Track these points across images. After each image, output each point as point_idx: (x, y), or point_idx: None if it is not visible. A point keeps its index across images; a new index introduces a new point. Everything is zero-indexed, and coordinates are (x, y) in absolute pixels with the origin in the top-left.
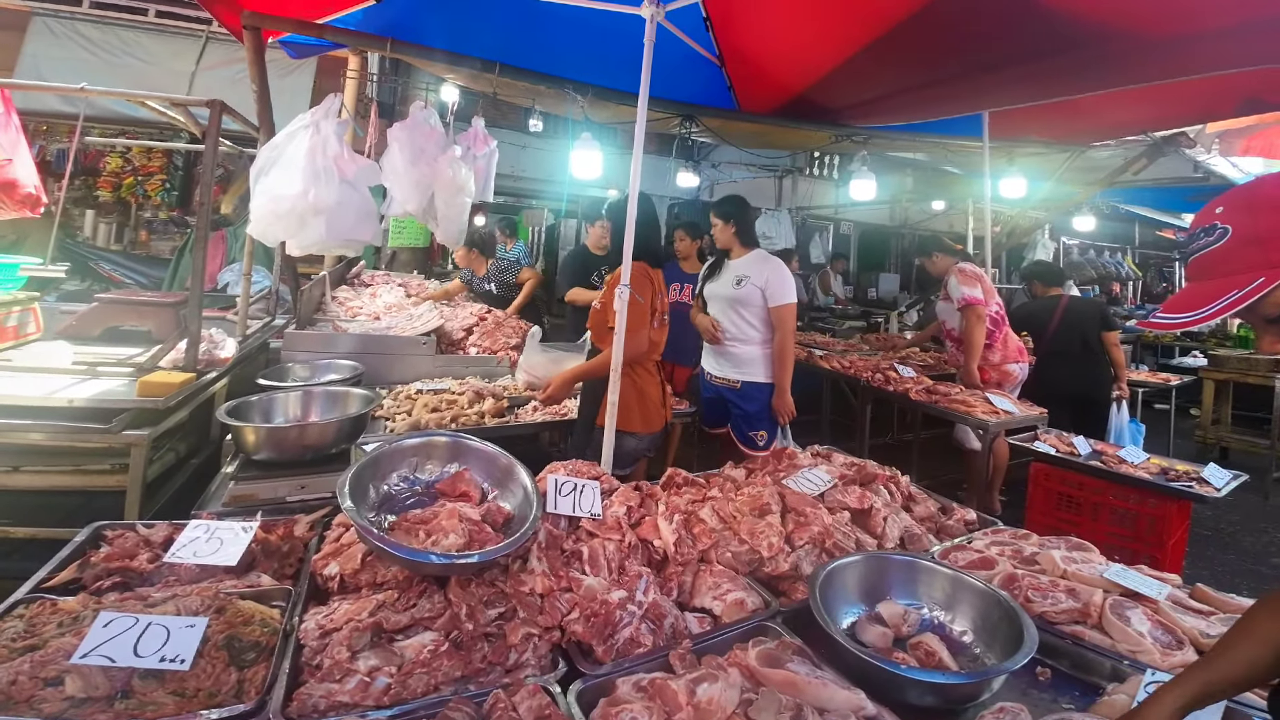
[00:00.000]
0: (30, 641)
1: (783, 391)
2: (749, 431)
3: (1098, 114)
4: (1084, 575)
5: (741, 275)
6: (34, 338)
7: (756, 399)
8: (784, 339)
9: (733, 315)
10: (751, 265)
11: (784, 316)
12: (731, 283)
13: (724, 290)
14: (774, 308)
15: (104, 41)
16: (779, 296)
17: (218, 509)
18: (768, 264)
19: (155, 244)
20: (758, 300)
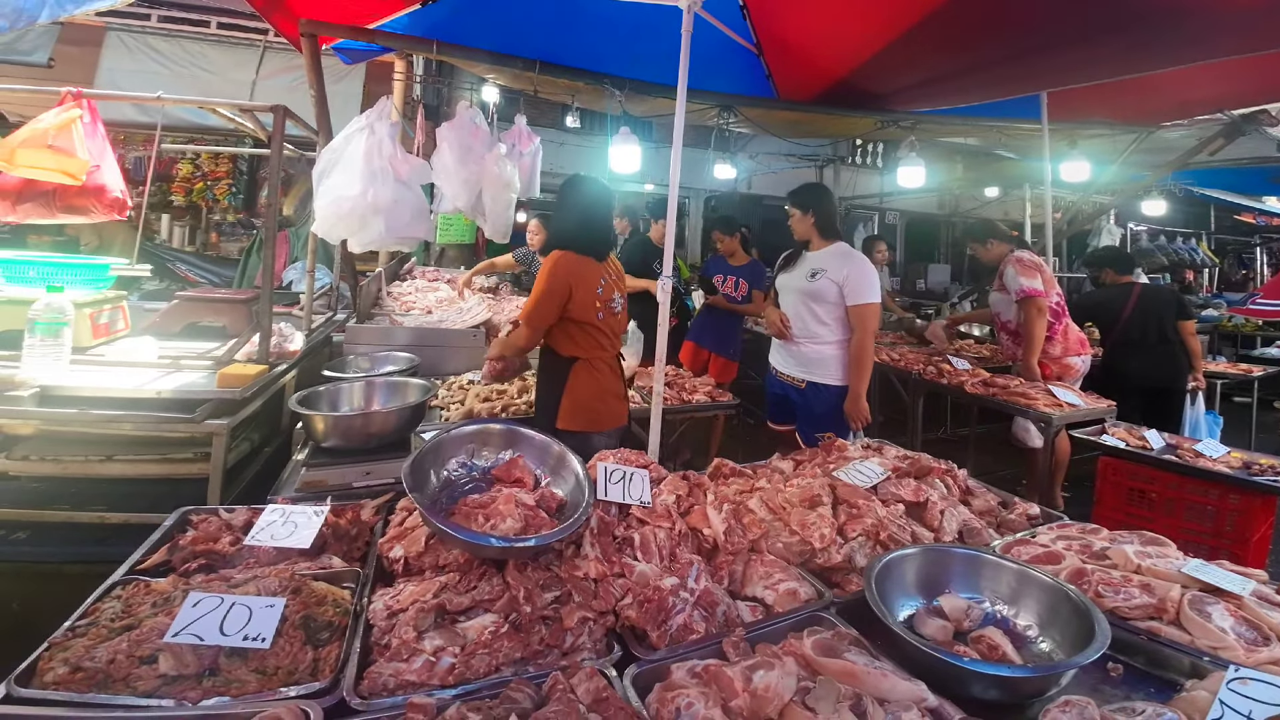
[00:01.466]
0: (127, 621)
1: (857, 397)
2: (815, 434)
3: (1168, 92)
4: (1159, 570)
5: (818, 269)
6: (123, 334)
7: (824, 401)
8: (863, 340)
9: (803, 311)
10: (830, 259)
11: (865, 316)
12: (806, 275)
13: (797, 283)
14: (852, 306)
15: (172, 53)
16: (859, 294)
17: (291, 494)
18: (850, 259)
19: (224, 245)
20: (833, 296)
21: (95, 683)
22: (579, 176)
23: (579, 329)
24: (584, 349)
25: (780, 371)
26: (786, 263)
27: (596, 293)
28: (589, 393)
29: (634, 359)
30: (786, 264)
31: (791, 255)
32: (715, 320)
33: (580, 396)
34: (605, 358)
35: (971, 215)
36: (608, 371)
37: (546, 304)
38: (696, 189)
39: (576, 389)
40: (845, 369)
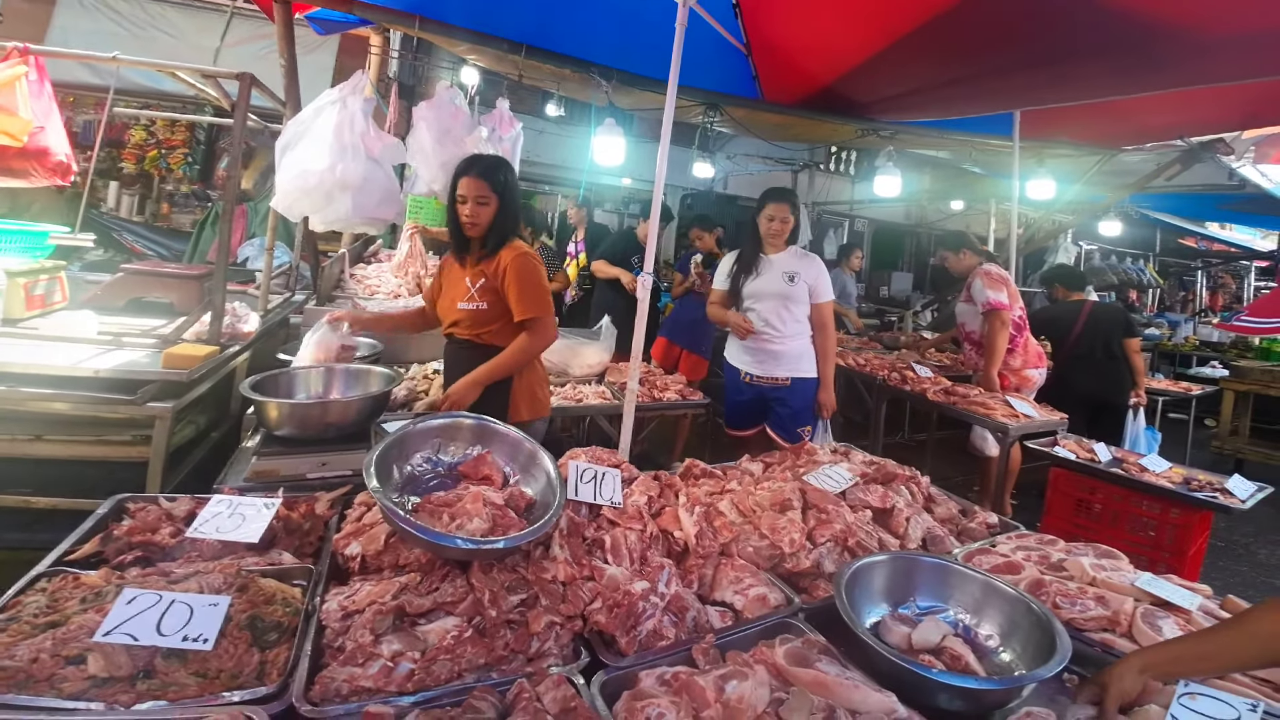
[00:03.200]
0: (52, 618)
1: (829, 385)
2: (796, 429)
3: (1135, 117)
4: (1113, 583)
5: (792, 272)
6: (59, 306)
7: (805, 394)
8: (832, 333)
9: (783, 312)
10: (799, 262)
11: (829, 312)
12: (783, 279)
13: (774, 287)
14: (820, 304)
15: (131, 14)
16: (824, 293)
17: (239, 483)
18: (813, 260)
19: (176, 217)
20: (805, 296)
21: (15, 683)
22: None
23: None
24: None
25: (754, 375)
26: (745, 267)
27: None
28: (533, 380)
29: (606, 354)
30: (747, 269)
31: (748, 259)
32: (689, 317)
33: (528, 385)
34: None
35: (937, 227)
36: (540, 368)
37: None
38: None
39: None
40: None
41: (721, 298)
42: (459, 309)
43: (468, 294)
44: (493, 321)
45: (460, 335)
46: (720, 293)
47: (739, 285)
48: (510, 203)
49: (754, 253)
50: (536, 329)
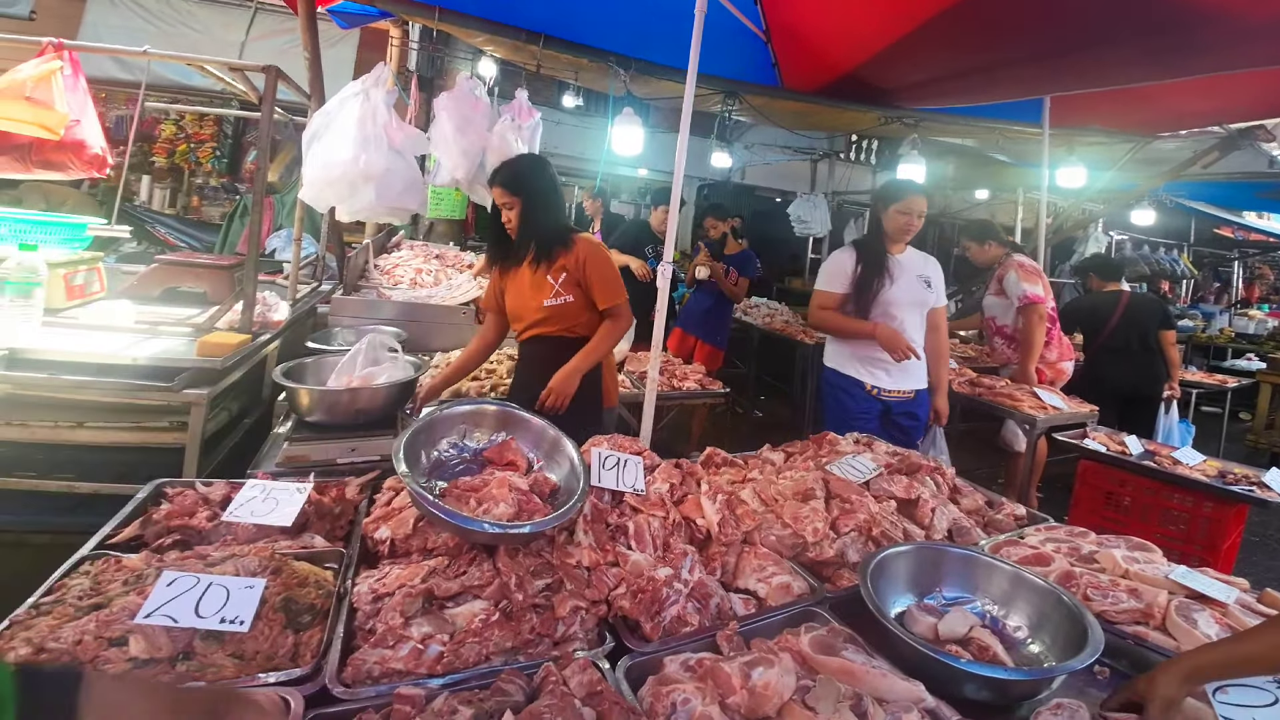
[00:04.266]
0: (96, 600)
1: (945, 391)
2: (917, 441)
3: (1171, 102)
4: (1147, 576)
5: (926, 275)
6: (98, 296)
7: (925, 404)
8: (946, 335)
9: (918, 321)
10: (925, 263)
11: (944, 313)
12: (921, 285)
13: (915, 294)
14: (939, 308)
15: (158, 10)
16: (943, 294)
17: (272, 469)
18: (929, 258)
19: (206, 209)
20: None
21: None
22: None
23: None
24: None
25: (883, 389)
26: (878, 271)
27: None
28: (611, 368)
29: (625, 343)
30: (879, 272)
31: (877, 262)
32: (705, 308)
33: (612, 371)
34: None
35: (960, 216)
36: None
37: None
38: (690, 176)
39: (607, 368)
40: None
41: (837, 302)
42: (545, 307)
43: (552, 290)
44: (581, 313)
45: (547, 333)
46: (834, 296)
47: (873, 292)
48: (534, 195)
49: (882, 253)
50: (620, 314)
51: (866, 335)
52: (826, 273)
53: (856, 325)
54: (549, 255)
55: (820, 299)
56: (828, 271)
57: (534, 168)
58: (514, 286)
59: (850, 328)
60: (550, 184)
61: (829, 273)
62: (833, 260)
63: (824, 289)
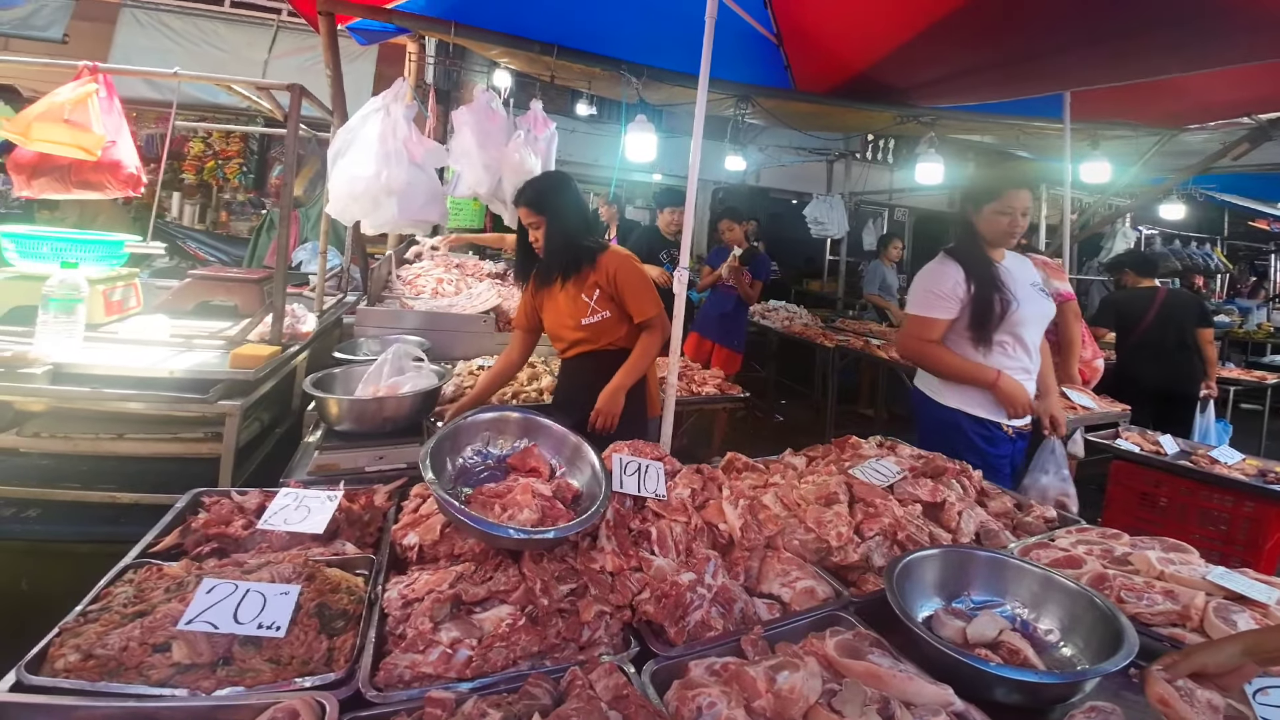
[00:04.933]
0: (140, 607)
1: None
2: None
3: (1197, 94)
4: (1183, 577)
5: (1039, 281)
6: (135, 311)
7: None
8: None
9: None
10: (1026, 266)
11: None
12: (1040, 296)
13: (1041, 309)
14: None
15: (185, 31)
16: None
17: (303, 477)
18: (1025, 260)
19: (234, 224)
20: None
21: (107, 671)
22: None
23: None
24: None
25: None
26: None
27: None
28: (654, 378)
29: None
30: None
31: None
32: (721, 312)
33: (652, 381)
34: None
35: None
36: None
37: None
38: (704, 180)
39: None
40: None
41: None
42: (583, 325)
43: (588, 308)
44: (619, 326)
45: (589, 350)
46: (938, 325)
47: (997, 315)
48: (559, 213)
49: (988, 262)
50: (656, 325)
51: (984, 385)
52: (929, 293)
53: (973, 370)
54: (578, 273)
55: (919, 328)
56: (931, 292)
57: (557, 186)
58: (550, 306)
59: (965, 372)
60: (574, 201)
61: (932, 294)
62: (931, 278)
63: (925, 314)
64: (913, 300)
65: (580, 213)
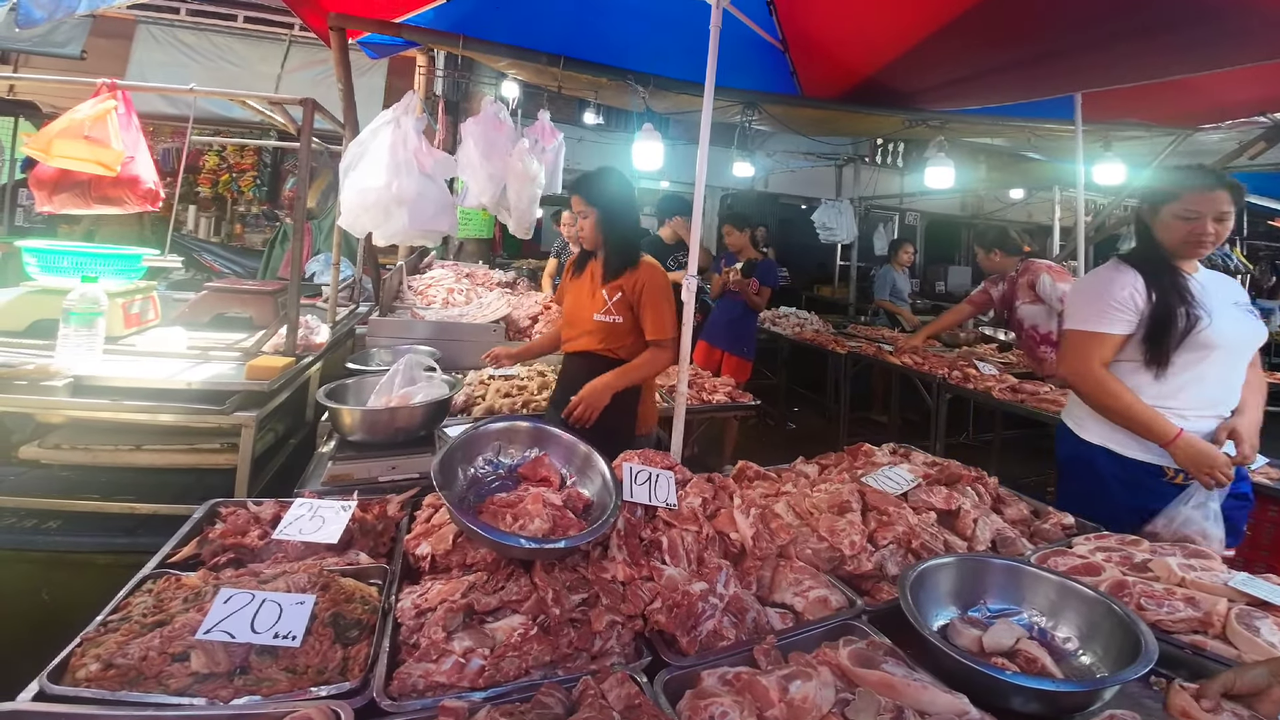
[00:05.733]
0: (159, 617)
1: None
2: (1242, 527)
3: (1212, 94)
4: (1204, 583)
5: (1240, 299)
6: (153, 324)
7: (1246, 477)
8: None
9: (1240, 365)
10: (1230, 286)
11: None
12: (1246, 317)
13: (1243, 332)
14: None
15: (200, 47)
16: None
17: (317, 487)
18: (1232, 281)
19: (249, 236)
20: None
21: (127, 680)
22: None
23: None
24: None
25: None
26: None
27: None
28: (650, 396)
29: None
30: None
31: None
32: (728, 318)
33: (648, 401)
34: None
35: (995, 217)
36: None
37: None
38: (712, 186)
39: (646, 395)
40: None
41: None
42: (594, 320)
43: (604, 306)
44: (628, 336)
45: (592, 349)
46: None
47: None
48: (612, 209)
49: (1172, 270)
50: (665, 348)
51: (1159, 440)
52: (1096, 300)
53: (1149, 418)
54: (615, 272)
55: (1086, 345)
56: (1100, 299)
57: (614, 181)
58: (574, 291)
59: (1138, 418)
60: (627, 200)
61: (1102, 301)
62: (1101, 284)
63: (1093, 329)
64: (1076, 312)
65: (631, 213)
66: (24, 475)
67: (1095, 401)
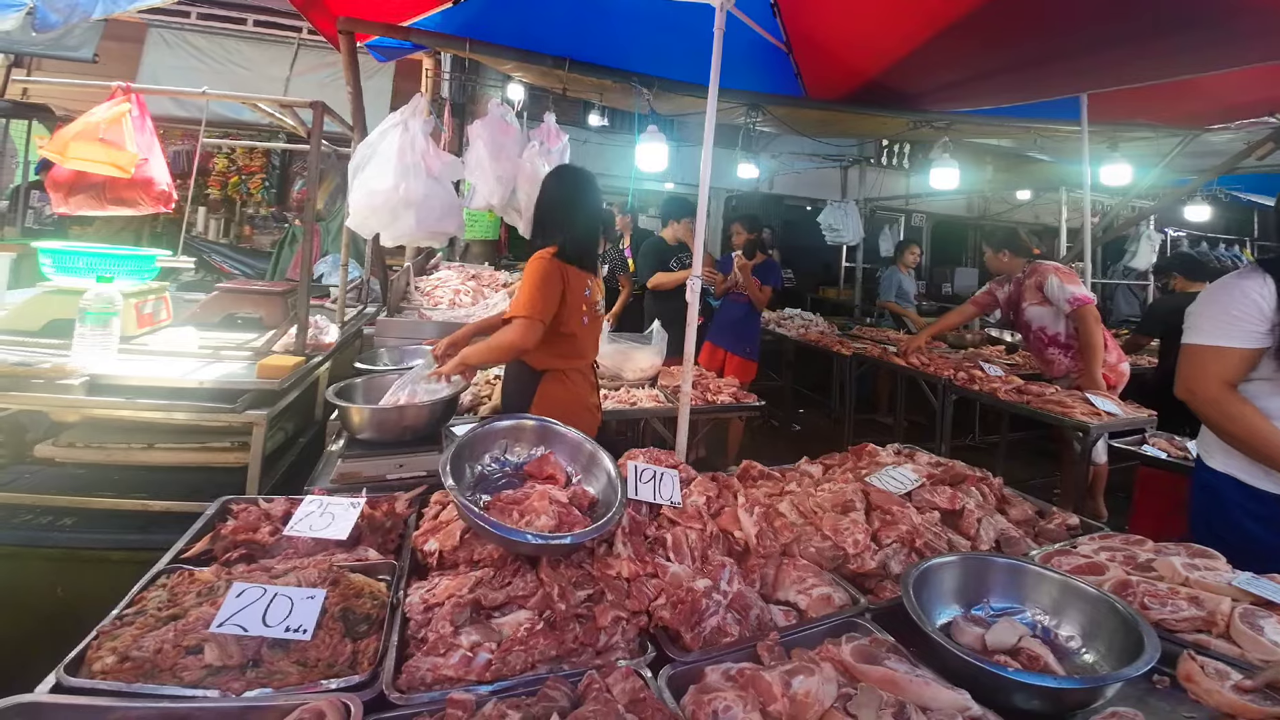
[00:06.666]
0: (173, 611)
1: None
2: None
3: (1219, 95)
4: (1208, 583)
5: None
6: (165, 324)
7: None
8: None
9: None
10: None
11: None
12: None
13: None
14: None
15: (210, 50)
16: None
17: (327, 485)
18: None
19: (257, 237)
20: None
21: (143, 672)
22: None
23: (561, 339)
24: (560, 360)
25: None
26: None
27: (584, 295)
28: (558, 405)
29: (657, 358)
30: None
31: None
32: (731, 319)
33: (548, 409)
34: (580, 366)
35: (1002, 218)
36: (581, 381)
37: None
38: (717, 188)
39: (544, 401)
40: None
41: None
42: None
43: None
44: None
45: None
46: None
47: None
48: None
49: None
50: (516, 326)
51: None
52: (1216, 309)
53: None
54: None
55: (1201, 360)
56: (1220, 307)
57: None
58: None
59: (1266, 444)
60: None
61: (1222, 310)
62: (1222, 289)
63: (1209, 342)
64: (1193, 324)
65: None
66: (39, 473)
67: (1215, 425)
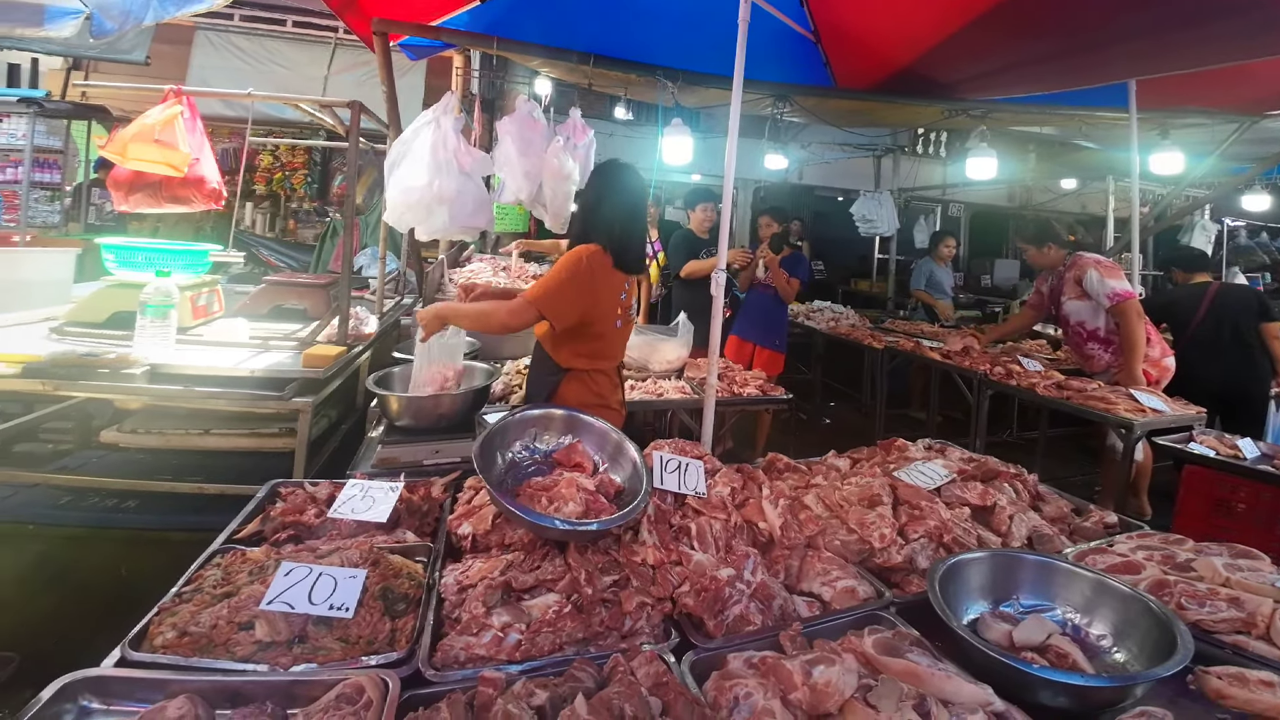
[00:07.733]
0: (227, 589)
1: None
2: None
3: (1275, 79)
4: (1250, 584)
5: None
6: (217, 315)
7: None
8: None
9: None
10: None
11: None
12: None
13: None
14: None
15: (252, 51)
16: None
17: (368, 469)
18: None
19: (301, 231)
20: None
21: (199, 647)
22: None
23: (590, 339)
24: (585, 360)
25: None
26: None
27: (619, 298)
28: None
29: (684, 350)
30: None
31: None
32: (758, 311)
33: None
34: (605, 368)
35: (1046, 208)
36: (604, 381)
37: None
38: (745, 179)
39: (565, 396)
40: None
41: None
42: None
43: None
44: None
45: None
46: None
47: None
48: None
49: None
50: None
51: None
52: None
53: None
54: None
55: None
56: None
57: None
58: None
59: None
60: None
61: None
62: None
63: None
64: None
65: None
66: (105, 458)
67: None
